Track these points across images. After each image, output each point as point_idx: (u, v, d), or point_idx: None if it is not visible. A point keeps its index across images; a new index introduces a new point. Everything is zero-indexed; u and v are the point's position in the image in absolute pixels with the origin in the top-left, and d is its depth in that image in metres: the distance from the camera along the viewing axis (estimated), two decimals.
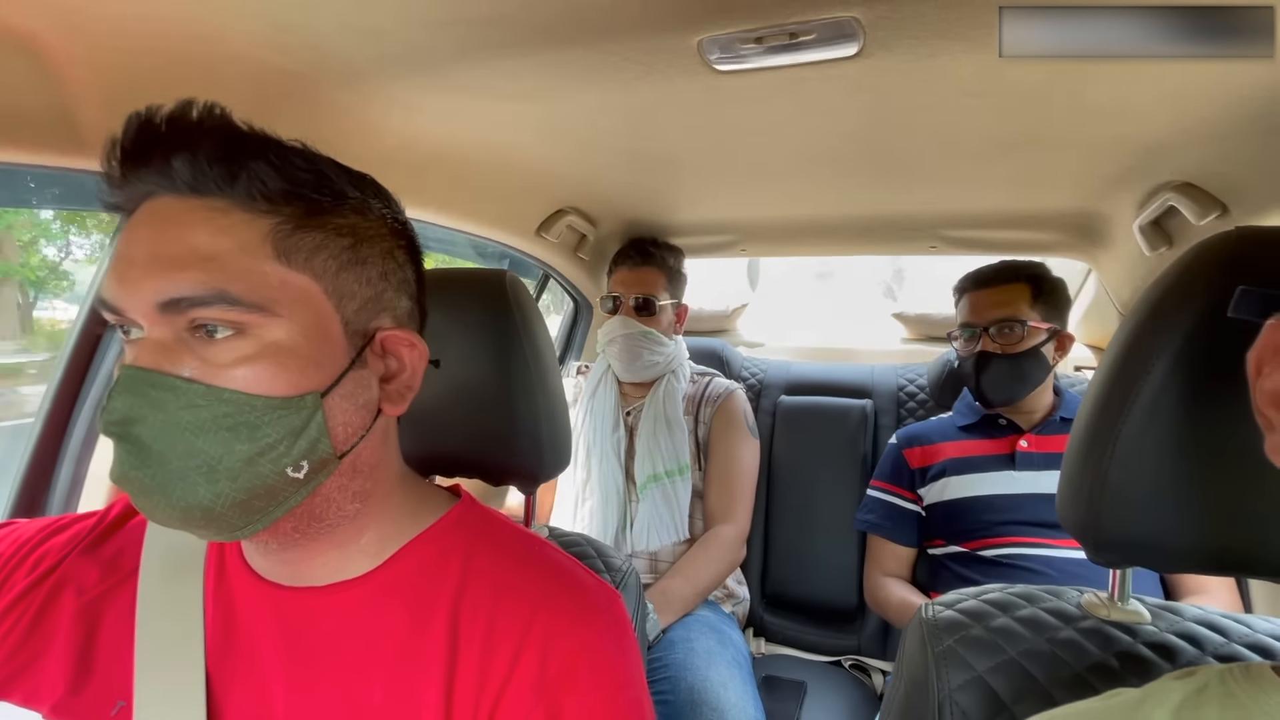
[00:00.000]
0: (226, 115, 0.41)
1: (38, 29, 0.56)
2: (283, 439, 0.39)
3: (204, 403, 0.37)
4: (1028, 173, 1.06)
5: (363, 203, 0.45)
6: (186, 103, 0.40)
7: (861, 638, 1.40)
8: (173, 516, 0.39)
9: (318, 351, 0.41)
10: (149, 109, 0.40)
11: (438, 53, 0.67)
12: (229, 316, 0.38)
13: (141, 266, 0.38)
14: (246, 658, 0.45)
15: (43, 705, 0.44)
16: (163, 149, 0.39)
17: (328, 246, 0.42)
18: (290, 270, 0.40)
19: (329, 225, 0.43)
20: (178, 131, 0.39)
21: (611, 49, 0.66)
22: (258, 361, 0.39)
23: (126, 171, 0.40)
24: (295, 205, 0.41)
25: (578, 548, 0.77)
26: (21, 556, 0.49)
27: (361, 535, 0.47)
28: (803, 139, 0.94)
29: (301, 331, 0.40)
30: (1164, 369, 0.46)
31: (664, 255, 1.42)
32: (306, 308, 0.41)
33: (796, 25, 0.58)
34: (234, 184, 0.39)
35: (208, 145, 0.39)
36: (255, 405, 0.38)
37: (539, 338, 0.72)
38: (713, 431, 1.37)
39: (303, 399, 0.40)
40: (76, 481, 0.77)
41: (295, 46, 0.65)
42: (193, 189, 0.39)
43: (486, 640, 0.43)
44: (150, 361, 0.38)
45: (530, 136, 0.97)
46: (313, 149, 0.44)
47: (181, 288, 0.37)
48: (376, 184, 0.48)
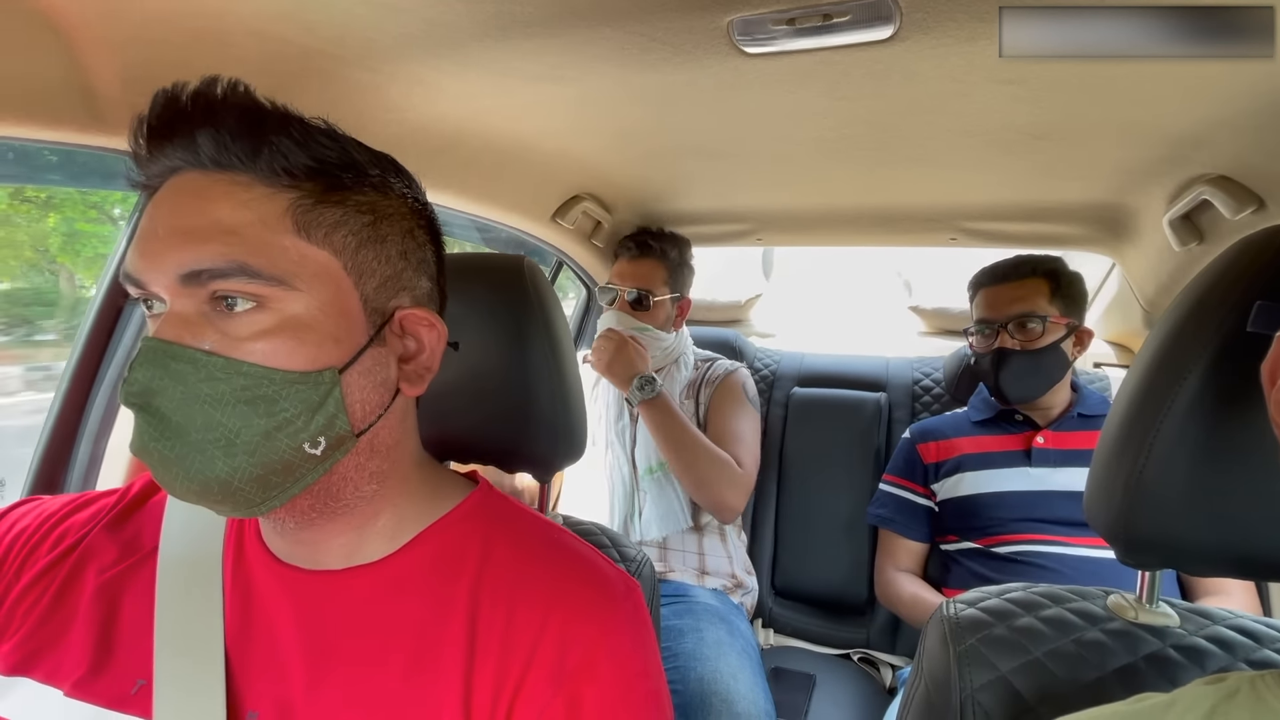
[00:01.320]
0: (250, 92, 0.41)
1: (57, 3, 0.56)
2: (300, 414, 0.39)
3: (223, 375, 0.38)
4: (1056, 164, 1.03)
5: (384, 181, 0.45)
6: (212, 79, 0.40)
7: (871, 631, 1.40)
8: (191, 489, 0.39)
9: (336, 327, 0.41)
10: (175, 85, 0.40)
11: (459, 31, 0.66)
12: (249, 289, 0.38)
13: (164, 239, 0.38)
14: (265, 640, 0.45)
15: (64, 683, 0.43)
16: (188, 124, 0.39)
17: (348, 223, 0.42)
18: (310, 245, 0.41)
19: (349, 202, 0.43)
20: (202, 107, 0.39)
21: (639, 29, 0.64)
22: (276, 335, 0.39)
23: (153, 147, 0.40)
24: (316, 181, 0.41)
25: (593, 537, 0.77)
26: (45, 532, 0.49)
27: (378, 517, 0.47)
28: (827, 125, 0.92)
29: (320, 306, 0.40)
30: (1204, 368, 0.45)
31: (665, 247, 1.37)
32: (325, 283, 0.41)
33: (831, 6, 0.57)
34: (256, 159, 0.39)
35: (231, 121, 0.39)
36: (273, 379, 0.38)
37: (556, 324, 0.72)
38: (711, 407, 1.34)
39: (320, 374, 0.40)
40: (95, 459, 0.77)
41: (316, 23, 0.64)
42: (216, 164, 0.39)
43: (506, 629, 0.43)
44: (171, 334, 0.38)
45: (550, 120, 0.95)
46: (336, 127, 0.44)
47: (202, 259, 0.38)
48: (397, 164, 0.48)
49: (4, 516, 0.50)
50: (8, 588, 0.47)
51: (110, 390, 0.77)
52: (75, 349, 0.77)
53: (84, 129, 0.63)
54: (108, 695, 0.43)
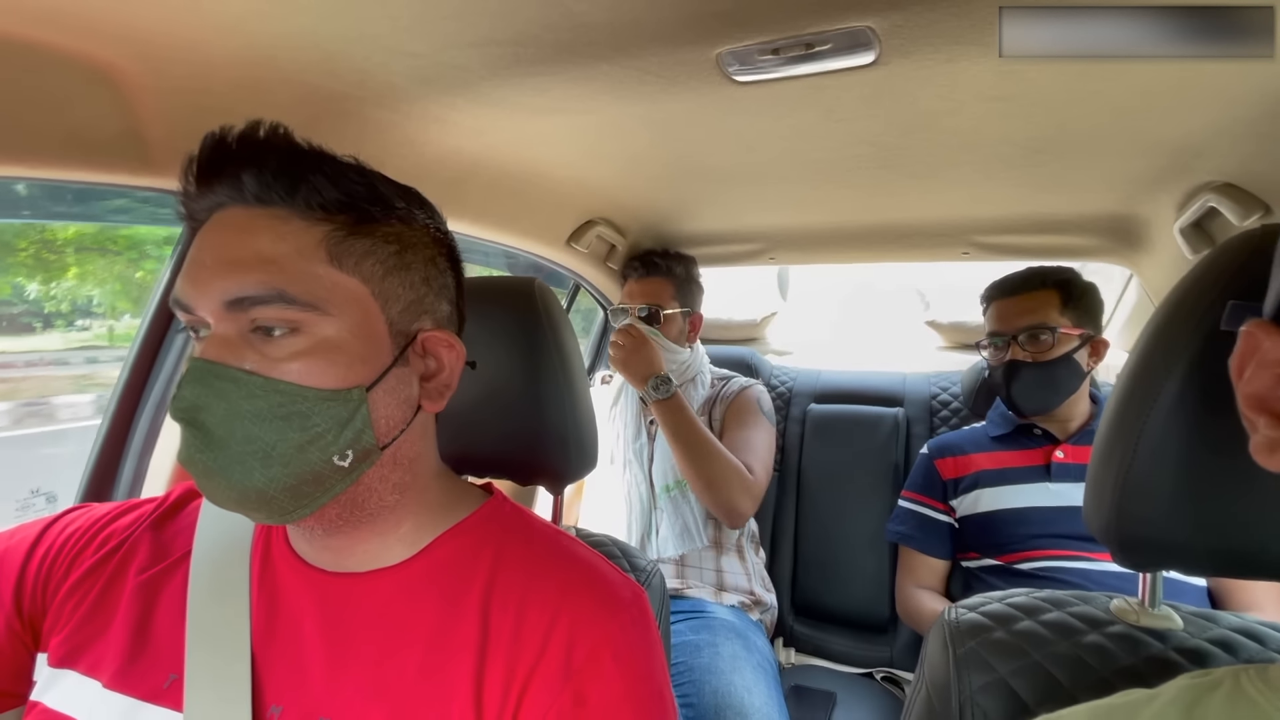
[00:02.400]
0: (289, 134, 0.45)
1: (115, 59, 0.62)
2: (330, 428, 0.43)
3: (261, 393, 0.41)
4: (1059, 176, 1.04)
5: (408, 213, 0.49)
6: (255, 123, 0.44)
7: (894, 649, 1.37)
8: (230, 498, 0.43)
9: (364, 348, 0.45)
10: (222, 129, 0.44)
11: (470, 72, 0.71)
12: (286, 315, 0.42)
13: (211, 269, 0.43)
14: (289, 637, 0.48)
15: (103, 675, 0.47)
16: (234, 164, 0.43)
17: (376, 252, 0.46)
18: (341, 273, 0.44)
19: (377, 233, 0.47)
20: (247, 148, 0.44)
21: (633, 64, 0.68)
22: (310, 356, 0.43)
23: (201, 185, 0.45)
24: (348, 214, 0.45)
25: (604, 548, 0.78)
26: (92, 535, 0.53)
27: (400, 525, 0.50)
28: (826, 146, 0.95)
29: (350, 329, 0.44)
30: (1187, 368, 0.46)
31: (671, 265, 1.41)
32: (355, 308, 0.45)
33: (812, 36, 0.60)
34: (295, 195, 0.44)
35: (273, 161, 0.44)
36: (307, 396, 0.42)
37: (567, 343, 0.75)
38: (725, 424, 1.35)
39: (350, 392, 0.44)
40: (139, 474, 0.83)
41: (342, 70, 0.70)
42: (259, 199, 0.44)
43: (516, 628, 0.46)
44: (216, 355, 0.42)
45: (559, 149, 1.00)
46: (364, 164, 0.48)
47: (245, 287, 0.42)
48: (421, 196, 0.52)
49: (58, 520, 0.55)
50: (58, 585, 0.51)
51: (154, 410, 0.83)
52: (123, 372, 0.83)
53: (135, 172, 0.69)
54: (142, 688, 0.46)
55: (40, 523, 0.54)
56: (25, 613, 0.50)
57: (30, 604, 0.50)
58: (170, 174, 0.70)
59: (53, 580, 0.51)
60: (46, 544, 0.52)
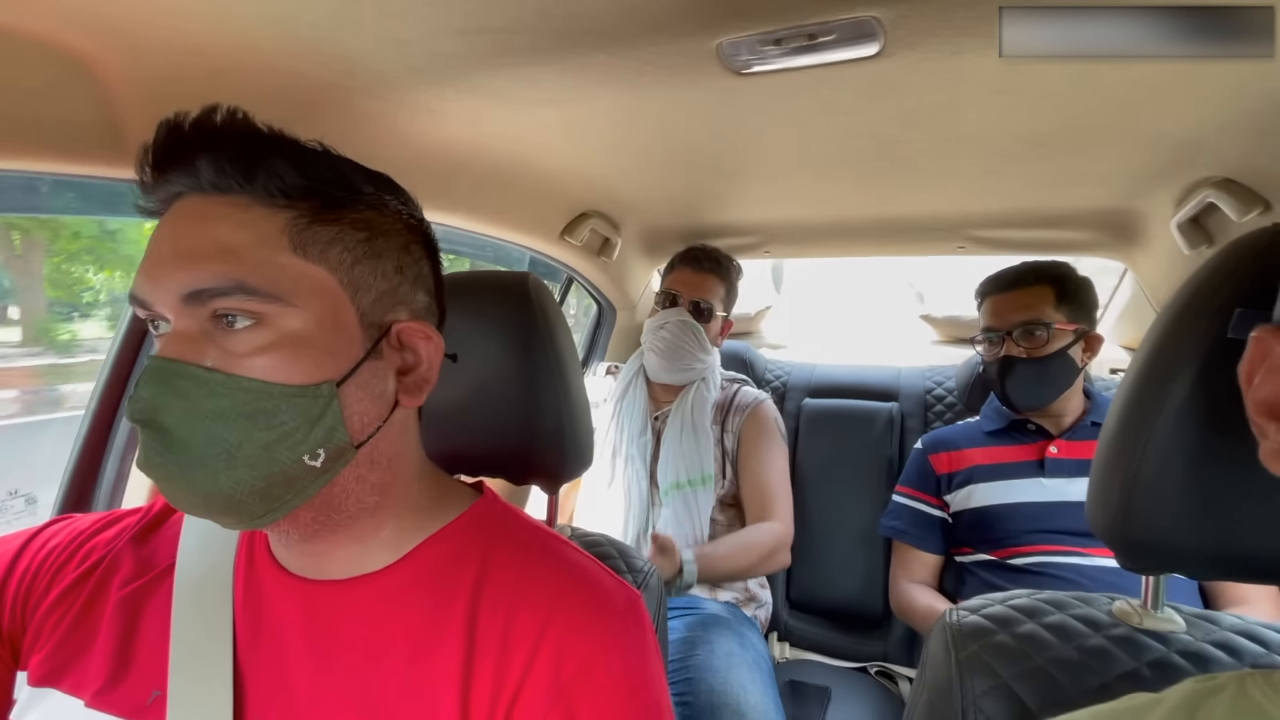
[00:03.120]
0: (248, 118, 0.43)
1: (92, 48, 0.60)
2: (299, 426, 0.40)
3: (224, 391, 0.39)
4: (1059, 170, 1.04)
5: (378, 199, 0.47)
6: (211, 107, 0.42)
7: (888, 644, 1.38)
8: (196, 503, 0.41)
9: (333, 341, 0.42)
10: (177, 114, 0.42)
11: (462, 60, 0.69)
12: (247, 306, 0.40)
13: (167, 261, 0.40)
14: (272, 649, 0.46)
15: (85, 693, 0.45)
16: (188, 151, 0.41)
17: (343, 239, 0.44)
18: (306, 262, 0.42)
19: (345, 219, 0.44)
20: (202, 134, 0.41)
21: (631, 54, 0.67)
22: (275, 350, 0.40)
23: (157, 174, 0.42)
24: (311, 200, 0.43)
25: (599, 548, 0.77)
26: (73, 550, 0.51)
27: (381, 529, 0.48)
28: (826, 139, 0.94)
29: (317, 321, 0.42)
30: (1194, 371, 0.45)
31: (728, 267, 1.44)
32: (322, 299, 0.42)
33: (815, 26, 0.58)
34: (253, 181, 0.41)
35: (229, 145, 0.41)
36: (272, 393, 0.40)
37: (561, 339, 0.73)
38: (743, 440, 1.36)
39: (318, 387, 0.41)
40: (120, 477, 0.80)
41: (328, 58, 0.67)
42: (216, 187, 0.41)
43: (503, 640, 0.44)
44: (175, 352, 0.39)
45: (553, 141, 0.98)
46: (331, 149, 0.46)
47: (203, 279, 0.39)
48: (393, 182, 0.49)
49: (38, 535, 0.52)
50: (38, 602, 0.49)
51: None
52: (102, 373, 0.81)
53: (111, 163, 0.67)
54: (125, 705, 0.44)
55: (20, 536, 0.52)
56: (4, 630, 0.48)
57: (10, 621, 0.49)
58: None
59: (33, 597, 0.49)
60: (27, 560, 0.50)
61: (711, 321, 1.40)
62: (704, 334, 1.37)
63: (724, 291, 1.43)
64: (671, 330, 1.35)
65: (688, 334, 1.35)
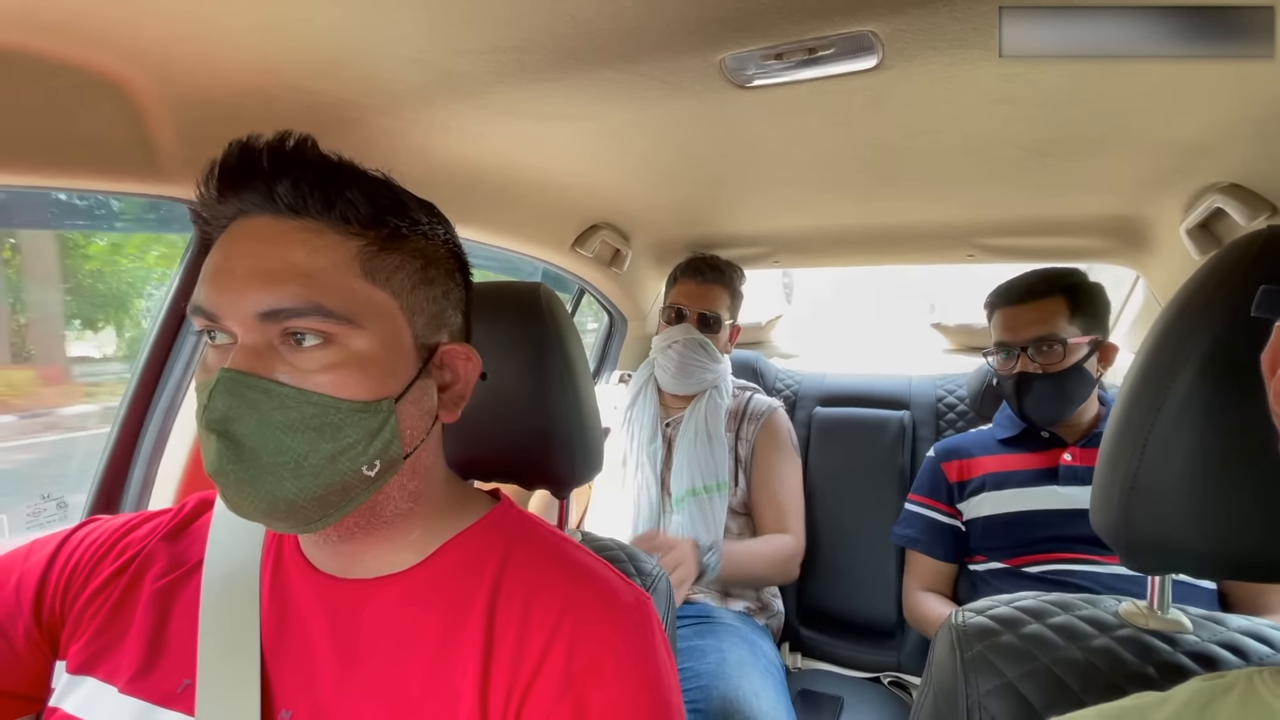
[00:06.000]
0: (317, 147, 0.46)
1: (125, 71, 0.63)
2: (361, 439, 0.43)
3: (294, 404, 0.42)
4: (1065, 178, 1.04)
5: (431, 229, 0.50)
6: (284, 134, 0.45)
7: (901, 654, 1.37)
8: (258, 508, 0.43)
9: (393, 361, 0.45)
10: (249, 137, 0.44)
11: (475, 78, 0.72)
12: (321, 327, 0.42)
13: (243, 279, 0.42)
14: (299, 643, 0.48)
15: (119, 680, 0.47)
16: (265, 174, 0.43)
17: (405, 267, 0.47)
18: (374, 287, 0.45)
19: (406, 248, 0.47)
20: (279, 159, 0.44)
21: (638, 70, 0.69)
22: (343, 368, 0.43)
23: (225, 192, 0.44)
24: (380, 229, 0.46)
25: (609, 552, 0.78)
26: (110, 545, 0.54)
27: (411, 531, 0.50)
28: (830, 150, 0.95)
29: (381, 343, 0.45)
30: (1194, 370, 0.46)
31: (731, 275, 1.44)
32: (386, 321, 0.45)
33: (814, 41, 0.60)
34: (330, 208, 0.44)
35: (310, 173, 0.44)
36: (340, 408, 0.43)
37: (571, 347, 0.75)
38: (757, 450, 1.36)
39: (380, 404, 0.44)
40: (148, 482, 0.83)
41: (347, 78, 0.71)
42: (292, 210, 0.44)
43: (519, 634, 0.46)
44: (247, 365, 0.42)
45: (564, 155, 1.01)
46: (393, 180, 0.49)
47: (282, 299, 0.42)
48: (438, 210, 0.53)
49: (74, 533, 0.56)
50: (76, 595, 0.51)
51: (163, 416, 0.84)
52: (131, 381, 0.84)
53: (144, 180, 0.70)
54: (156, 692, 0.47)
55: (57, 536, 0.55)
56: (44, 622, 0.51)
57: (49, 613, 0.51)
58: (178, 182, 0.71)
59: (71, 589, 0.52)
60: (65, 555, 0.53)
61: (720, 331, 1.40)
62: (713, 345, 1.38)
63: (729, 299, 1.43)
64: (679, 350, 1.36)
65: (696, 350, 1.36)
